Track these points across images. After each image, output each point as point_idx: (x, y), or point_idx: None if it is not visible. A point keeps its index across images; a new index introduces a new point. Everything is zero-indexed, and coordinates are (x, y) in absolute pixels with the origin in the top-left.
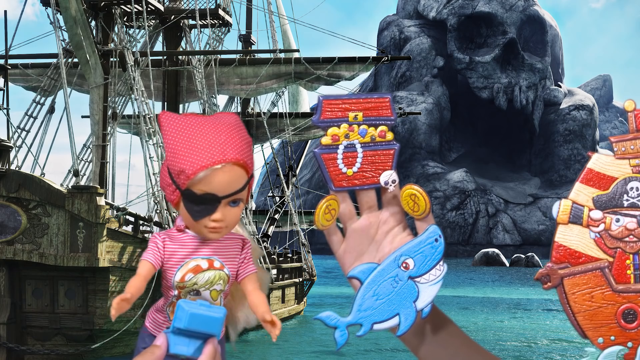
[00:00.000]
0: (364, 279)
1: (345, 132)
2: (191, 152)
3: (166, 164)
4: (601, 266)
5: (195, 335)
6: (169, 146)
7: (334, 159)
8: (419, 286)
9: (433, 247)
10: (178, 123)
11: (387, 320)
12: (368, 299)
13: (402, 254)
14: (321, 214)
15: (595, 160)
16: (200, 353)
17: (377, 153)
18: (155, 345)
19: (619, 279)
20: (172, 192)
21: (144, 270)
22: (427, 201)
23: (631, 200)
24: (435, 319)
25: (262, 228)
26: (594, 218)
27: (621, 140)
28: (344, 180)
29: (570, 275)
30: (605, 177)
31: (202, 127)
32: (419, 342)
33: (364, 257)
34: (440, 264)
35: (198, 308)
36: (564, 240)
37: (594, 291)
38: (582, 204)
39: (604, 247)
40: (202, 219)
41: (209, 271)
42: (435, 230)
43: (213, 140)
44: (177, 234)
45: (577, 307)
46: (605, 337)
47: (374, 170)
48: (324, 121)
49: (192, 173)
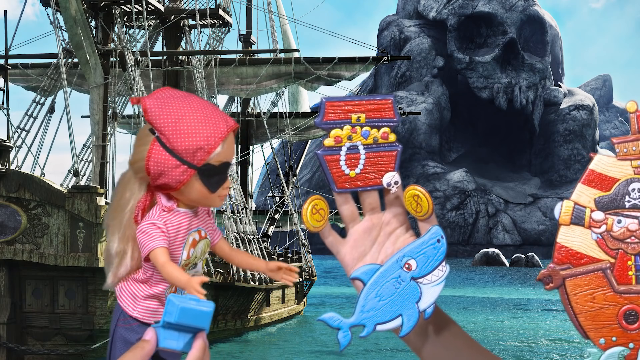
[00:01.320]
0: (367, 280)
1: (348, 133)
2: (202, 128)
3: (170, 147)
4: (603, 267)
5: (185, 329)
6: (170, 129)
7: (337, 160)
8: (421, 287)
9: (435, 248)
10: (166, 105)
11: (390, 321)
12: (371, 300)
13: (404, 255)
14: (309, 215)
15: (597, 161)
16: (190, 347)
17: (379, 154)
18: (145, 340)
19: (621, 280)
20: (181, 173)
21: (168, 255)
22: (430, 202)
23: (633, 202)
24: (438, 319)
25: (262, 228)
26: (595, 219)
27: (623, 142)
28: (346, 181)
29: (572, 276)
30: (607, 178)
31: (191, 103)
32: (422, 343)
33: (367, 258)
34: (443, 265)
35: (188, 302)
36: (566, 241)
37: (596, 292)
38: (584, 205)
39: (605, 248)
40: (218, 189)
41: (200, 242)
42: (437, 231)
43: (211, 112)
44: (169, 215)
45: (578, 308)
46: (607, 338)
47: (376, 172)
48: (327, 123)
49: (213, 147)
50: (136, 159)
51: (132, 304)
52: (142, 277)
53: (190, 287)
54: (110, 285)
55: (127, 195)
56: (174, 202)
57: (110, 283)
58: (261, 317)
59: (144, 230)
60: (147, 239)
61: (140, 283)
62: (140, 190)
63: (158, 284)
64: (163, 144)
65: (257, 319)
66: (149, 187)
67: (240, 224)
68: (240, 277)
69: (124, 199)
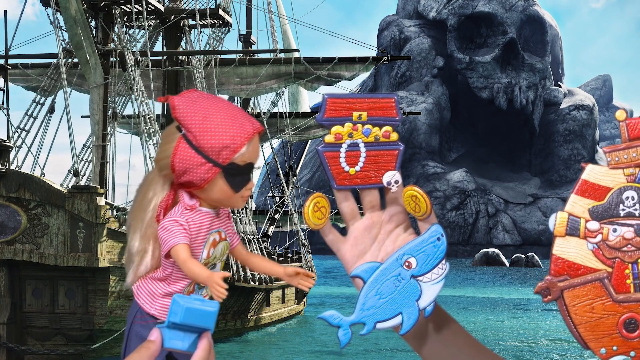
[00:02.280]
0: (367, 278)
1: (349, 130)
2: (229, 127)
3: (197, 144)
4: (600, 277)
5: (190, 329)
6: (198, 127)
7: (337, 157)
8: (421, 285)
9: (435, 246)
10: (194, 104)
11: (390, 319)
12: (371, 298)
13: (404, 253)
14: (310, 212)
15: (589, 171)
16: (195, 347)
17: (380, 153)
18: (150, 341)
19: (619, 289)
20: (206, 171)
21: (190, 252)
22: (428, 202)
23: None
24: (438, 317)
25: (262, 228)
26: (590, 229)
27: (614, 150)
28: (346, 179)
29: (569, 288)
30: (600, 188)
31: (219, 104)
32: (422, 341)
33: (367, 256)
34: (443, 263)
35: (193, 302)
36: (562, 252)
37: (595, 302)
38: (578, 215)
39: (602, 257)
40: (242, 189)
41: (220, 243)
42: (437, 229)
43: (238, 114)
44: (191, 213)
45: (578, 319)
46: (608, 347)
47: (377, 170)
48: (328, 119)
49: (239, 146)
50: (162, 157)
51: (150, 301)
52: (160, 275)
53: (212, 281)
54: (130, 283)
55: (149, 195)
56: (196, 201)
57: (130, 282)
58: (261, 317)
59: (166, 227)
60: (168, 236)
61: (159, 281)
62: (163, 189)
63: (177, 282)
64: (189, 142)
65: (257, 319)
66: (171, 187)
67: (240, 224)
68: (241, 277)
69: (146, 198)
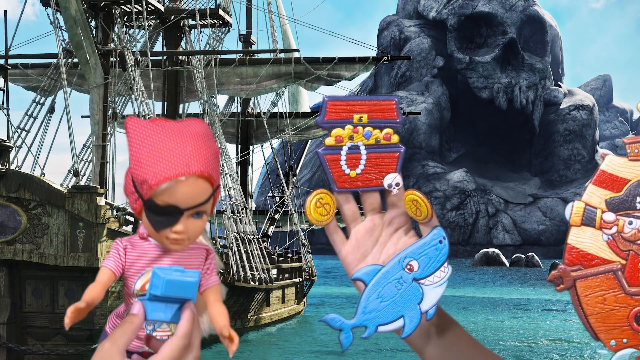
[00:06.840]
0: (368, 281)
1: (349, 133)
2: (155, 162)
3: (130, 172)
4: (614, 269)
5: (171, 300)
6: (134, 154)
7: (337, 160)
8: (423, 288)
9: (437, 248)
10: (144, 130)
11: (391, 322)
12: (372, 301)
13: (406, 255)
14: (312, 208)
15: (608, 161)
16: (178, 318)
17: (381, 155)
18: (133, 314)
19: (632, 282)
20: (134, 200)
21: (104, 277)
22: (429, 206)
23: None
24: (440, 320)
25: (262, 228)
26: (606, 220)
27: (635, 142)
28: (346, 181)
29: (582, 278)
30: (618, 179)
31: (168, 135)
32: (424, 344)
33: (368, 258)
34: (445, 266)
35: (173, 274)
36: (577, 242)
37: (607, 294)
38: (595, 206)
39: (616, 249)
40: (164, 230)
41: None
42: (439, 232)
43: (178, 150)
44: (139, 242)
45: (589, 310)
46: (618, 339)
47: (377, 173)
48: (328, 122)
49: (155, 184)
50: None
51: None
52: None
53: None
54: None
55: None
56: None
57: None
58: (261, 317)
59: (112, 247)
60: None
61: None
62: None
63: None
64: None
65: (257, 319)
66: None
67: (240, 224)
68: (240, 277)
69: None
